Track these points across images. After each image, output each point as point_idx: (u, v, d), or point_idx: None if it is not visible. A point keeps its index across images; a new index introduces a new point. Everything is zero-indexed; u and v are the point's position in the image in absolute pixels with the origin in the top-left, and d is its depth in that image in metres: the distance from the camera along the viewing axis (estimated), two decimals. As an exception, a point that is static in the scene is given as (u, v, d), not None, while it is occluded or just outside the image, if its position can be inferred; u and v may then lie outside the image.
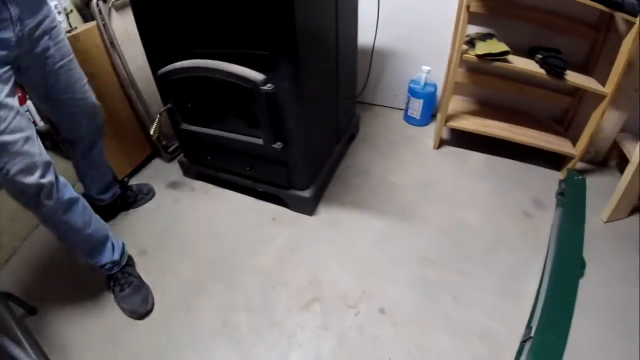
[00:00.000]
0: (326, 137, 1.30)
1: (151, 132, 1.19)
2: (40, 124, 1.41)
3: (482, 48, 1.29)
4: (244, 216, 1.26)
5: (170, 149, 1.53)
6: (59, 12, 1.34)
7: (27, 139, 0.77)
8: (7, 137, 0.73)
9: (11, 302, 0.93)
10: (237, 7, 0.87)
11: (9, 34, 0.75)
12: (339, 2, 1.09)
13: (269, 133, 1.04)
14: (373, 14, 1.50)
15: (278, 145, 1.06)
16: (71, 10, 1.53)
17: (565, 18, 1.35)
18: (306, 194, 1.18)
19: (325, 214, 1.25)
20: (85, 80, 1.00)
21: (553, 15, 1.36)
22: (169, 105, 1.16)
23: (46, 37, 0.85)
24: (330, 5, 1.06)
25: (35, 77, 0.88)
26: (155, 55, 1.11)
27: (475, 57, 1.30)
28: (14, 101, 0.76)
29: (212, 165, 1.32)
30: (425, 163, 1.47)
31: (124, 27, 1.33)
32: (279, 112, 1.00)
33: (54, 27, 0.88)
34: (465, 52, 1.33)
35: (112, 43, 1.28)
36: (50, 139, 1.39)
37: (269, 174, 1.20)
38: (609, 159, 1.53)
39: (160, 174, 1.44)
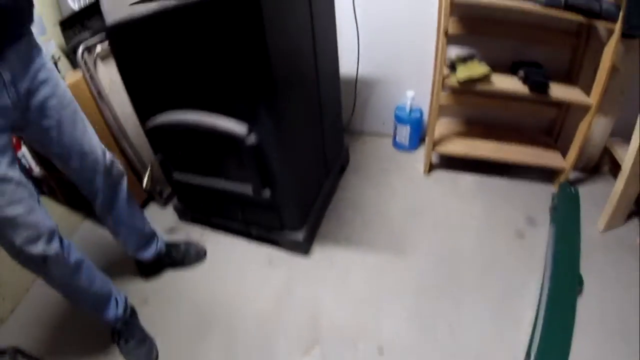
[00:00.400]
0: (315, 174, 1.33)
1: (143, 185, 1.21)
2: (36, 169, 1.41)
3: (463, 72, 1.30)
4: (240, 259, 1.28)
5: (165, 194, 1.54)
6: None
7: (30, 210, 0.78)
8: (8, 211, 0.74)
9: (20, 356, 0.95)
10: (214, 63, 0.91)
11: (4, 101, 0.74)
12: (317, 37, 1.12)
13: (257, 181, 1.07)
14: (353, 41, 1.54)
15: (266, 192, 1.08)
16: (59, 57, 1.55)
17: (545, 29, 1.37)
18: (299, 236, 1.20)
19: (320, 252, 1.26)
20: (92, 131, 0.97)
21: (532, 28, 1.38)
22: (160, 156, 1.17)
23: (44, 90, 0.83)
24: (307, 42, 1.09)
25: (36, 133, 0.85)
26: (141, 106, 1.14)
27: (457, 82, 1.31)
28: (14, 172, 0.76)
29: (206, 210, 1.34)
30: (416, 190, 1.49)
31: (110, 76, 1.35)
32: (265, 160, 1.03)
33: (50, 78, 0.85)
34: (447, 77, 1.33)
35: (100, 94, 1.30)
36: (47, 184, 1.40)
37: (260, 218, 1.23)
38: (602, 165, 1.53)
39: (157, 219, 1.46)
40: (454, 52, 1.46)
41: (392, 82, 1.64)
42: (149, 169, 1.20)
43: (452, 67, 1.37)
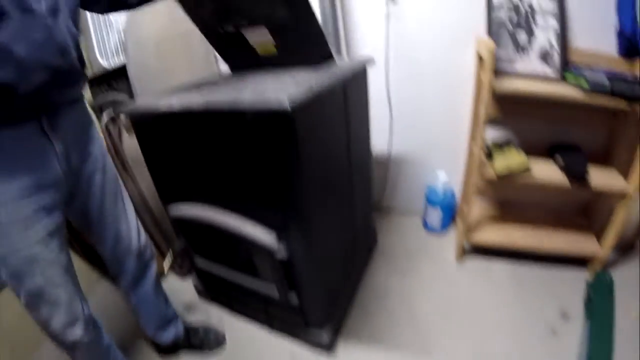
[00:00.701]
0: (343, 268, 1.27)
1: (164, 270, 1.15)
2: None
3: (501, 164, 1.24)
4: (261, 351, 1.21)
5: (185, 267, 1.49)
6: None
7: (72, 296, 0.78)
8: (51, 295, 0.75)
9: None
10: (243, 166, 0.87)
11: (56, 174, 0.74)
12: (351, 134, 1.08)
13: (283, 286, 1.01)
14: (385, 121, 1.52)
15: (292, 297, 1.03)
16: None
17: (583, 110, 1.30)
18: (324, 336, 1.14)
19: (344, 349, 1.19)
20: (131, 210, 0.97)
21: (570, 109, 1.31)
22: (181, 243, 1.12)
23: (92, 165, 0.84)
24: (341, 141, 1.05)
25: (78, 210, 0.86)
26: (164, 192, 1.09)
27: (494, 174, 1.25)
28: (64, 256, 0.77)
29: (227, 296, 1.30)
30: (445, 279, 1.41)
31: (135, 147, 1.31)
32: (292, 269, 0.97)
33: (99, 152, 0.87)
34: (484, 166, 1.28)
35: (124, 166, 1.25)
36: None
37: (284, 314, 1.17)
38: (637, 243, 1.44)
39: (175, 290, 1.40)
40: (490, 134, 1.41)
41: (423, 162, 1.59)
42: (169, 254, 1.14)
43: (489, 154, 1.32)
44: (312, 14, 1.02)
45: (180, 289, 1.44)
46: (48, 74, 0.66)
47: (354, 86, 1.06)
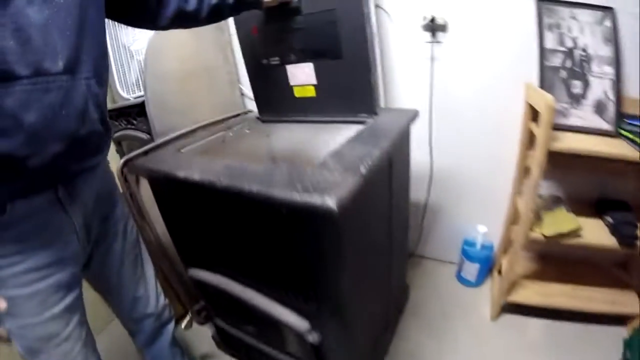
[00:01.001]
0: (375, 341, 1.15)
1: (182, 326, 1.06)
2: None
3: (551, 227, 1.12)
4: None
5: (203, 314, 1.38)
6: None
7: None
8: None
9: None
10: (275, 250, 0.77)
11: (74, 248, 0.68)
12: (393, 197, 0.97)
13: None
14: (425, 171, 1.42)
15: None
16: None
17: (635, 164, 1.17)
18: None
19: None
20: (151, 274, 0.91)
21: (621, 164, 1.18)
22: (201, 305, 1.03)
23: (113, 234, 0.79)
24: (383, 214, 0.95)
25: (94, 277, 0.81)
26: (184, 255, 0.99)
27: (542, 236, 1.13)
28: (81, 331, 0.71)
29: (246, 356, 1.17)
30: (480, 340, 1.28)
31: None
32: (323, 349, 0.85)
33: (120, 218, 0.81)
34: (531, 228, 1.16)
35: (140, 213, 1.16)
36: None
37: None
38: None
39: (193, 339, 1.31)
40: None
41: (460, 210, 1.48)
42: (189, 315, 1.05)
43: (537, 214, 1.20)
44: (370, 63, 0.93)
45: (198, 335, 1.35)
46: (64, 143, 0.56)
47: (399, 149, 0.96)
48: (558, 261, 1.43)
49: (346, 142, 0.78)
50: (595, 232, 1.16)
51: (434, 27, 1.19)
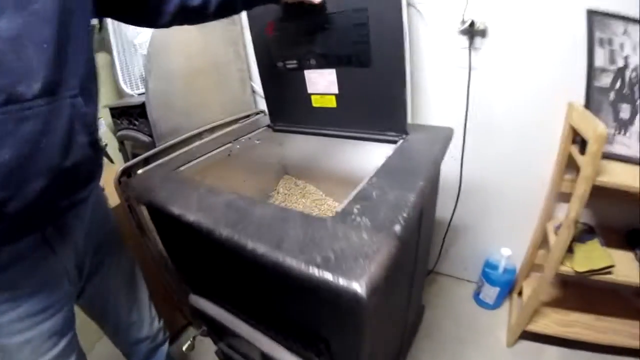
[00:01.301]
0: None
1: (184, 349, 0.98)
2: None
3: (582, 260, 1.01)
4: None
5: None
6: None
7: None
8: None
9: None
10: (282, 303, 0.66)
11: (65, 291, 0.60)
12: (421, 240, 0.84)
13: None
14: (454, 189, 1.29)
15: None
16: (106, 144, 1.33)
17: None
18: None
19: None
20: (146, 299, 0.84)
21: None
22: (203, 329, 0.94)
23: (106, 267, 0.72)
24: (409, 265, 0.82)
25: (86, 306, 0.74)
26: (186, 279, 0.90)
27: (573, 271, 1.02)
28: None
29: None
30: None
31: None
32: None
33: (114, 250, 0.73)
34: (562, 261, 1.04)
35: (140, 226, 1.06)
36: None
37: None
38: None
39: (197, 351, 1.24)
40: (561, 209, 1.18)
41: (485, 230, 1.34)
42: (191, 340, 0.97)
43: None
44: (404, 75, 0.80)
45: (202, 346, 1.28)
46: (48, 179, 0.45)
47: (434, 183, 0.84)
48: (579, 287, 1.30)
49: (374, 176, 0.65)
50: (626, 267, 1.02)
51: (472, 32, 1.03)
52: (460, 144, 1.18)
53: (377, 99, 0.85)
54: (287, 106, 1.04)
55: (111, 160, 1.37)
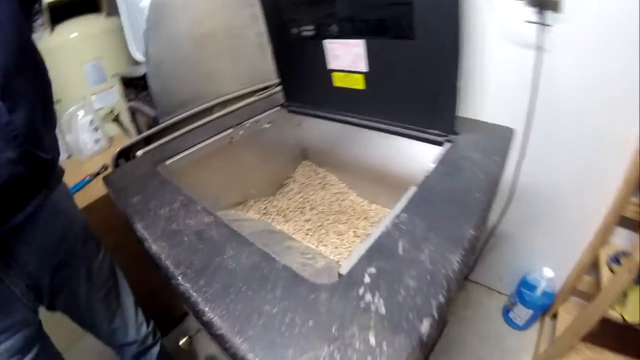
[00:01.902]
0: None
1: (180, 344, 0.91)
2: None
3: (636, 307, 0.76)
4: None
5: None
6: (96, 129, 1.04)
7: None
8: None
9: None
10: None
11: (21, 316, 0.51)
12: None
13: None
14: (502, 199, 1.03)
15: None
16: (118, 113, 1.21)
17: None
18: None
19: None
20: (132, 307, 0.75)
21: None
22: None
23: (77, 285, 0.62)
24: None
25: (60, 309, 0.64)
26: None
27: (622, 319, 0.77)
28: None
29: None
30: None
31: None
32: None
33: (88, 266, 0.63)
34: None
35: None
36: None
37: None
38: None
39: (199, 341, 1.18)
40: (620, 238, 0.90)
41: (528, 243, 1.08)
42: (186, 339, 0.89)
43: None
44: (459, 54, 0.55)
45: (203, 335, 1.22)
46: None
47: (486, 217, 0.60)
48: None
49: (405, 210, 0.44)
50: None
51: (541, 3, 0.72)
52: (519, 144, 0.89)
53: (419, 84, 0.61)
54: (304, 84, 0.82)
55: (125, 131, 1.26)
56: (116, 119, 1.22)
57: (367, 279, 0.35)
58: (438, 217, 0.42)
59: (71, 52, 1.16)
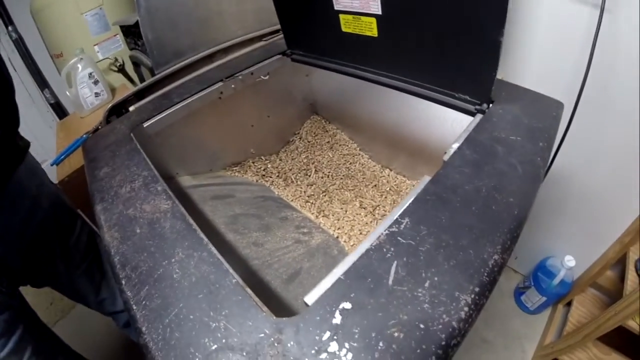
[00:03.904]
0: None
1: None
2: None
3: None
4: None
5: None
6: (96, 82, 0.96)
7: None
8: None
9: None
10: None
11: None
12: None
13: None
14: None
15: None
16: (123, 63, 1.11)
17: None
18: None
19: None
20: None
21: None
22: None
23: (51, 265, 0.58)
24: None
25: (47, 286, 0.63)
26: None
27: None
28: None
29: None
30: None
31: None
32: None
33: (62, 249, 0.58)
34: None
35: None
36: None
37: None
38: None
39: None
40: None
41: (552, 229, 0.93)
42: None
43: None
44: (504, 14, 0.36)
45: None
46: None
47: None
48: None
49: (408, 211, 0.31)
50: None
51: None
52: (565, 117, 0.69)
53: (447, 34, 0.43)
54: (307, 28, 0.64)
55: (131, 80, 1.16)
56: (122, 69, 1.11)
57: (337, 319, 0.24)
58: (453, 229, 0.29)
59: (70, 2, 1.02)
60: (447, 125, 0.59)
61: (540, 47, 0.67)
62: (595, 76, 0.60)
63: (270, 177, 0.80)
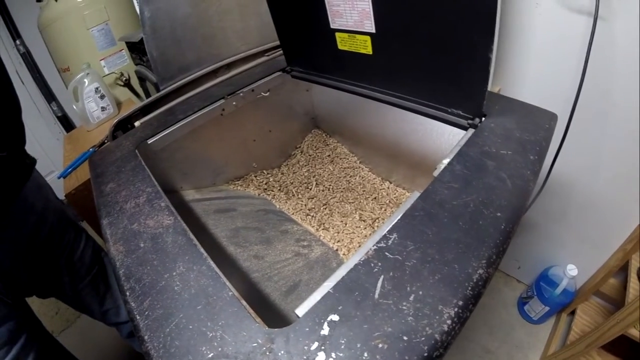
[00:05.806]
0: None
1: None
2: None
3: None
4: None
5: None
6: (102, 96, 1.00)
7: None
8: None
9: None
10: None
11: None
12: None
13: None
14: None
15: None
16: (128, 77, 1.16)
17: None
18: None
19: None
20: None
21: None
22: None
23: (56, 277, 0.61)
24: None
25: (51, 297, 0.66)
26: None
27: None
28: None
29: None
30: None
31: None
32: None
33: (67, 262, 0.61)
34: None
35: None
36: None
37: None
38: None
39: None
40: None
41: (553, 237, 0.94)
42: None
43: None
44: (495, 14, 0.39)
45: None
46: None
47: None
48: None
49: (396, 228, 0.33)
50: None
51: None
52: (561, 128, 0.70)
53: (438, 52, 0.45)
54: (305, 46, 0.67)
55: (137, 95, 1.21)
56: (128, 83, 1.16)
57: (325, 330, 0.26)
58: (439, 244, 0.31)
59: (77, 18, 1.08)
60: (444, 137, 0.61)
61: (537, 56, 0.69)
62: (594, 83, 0.62)
63: (272, 190, 0.83)
